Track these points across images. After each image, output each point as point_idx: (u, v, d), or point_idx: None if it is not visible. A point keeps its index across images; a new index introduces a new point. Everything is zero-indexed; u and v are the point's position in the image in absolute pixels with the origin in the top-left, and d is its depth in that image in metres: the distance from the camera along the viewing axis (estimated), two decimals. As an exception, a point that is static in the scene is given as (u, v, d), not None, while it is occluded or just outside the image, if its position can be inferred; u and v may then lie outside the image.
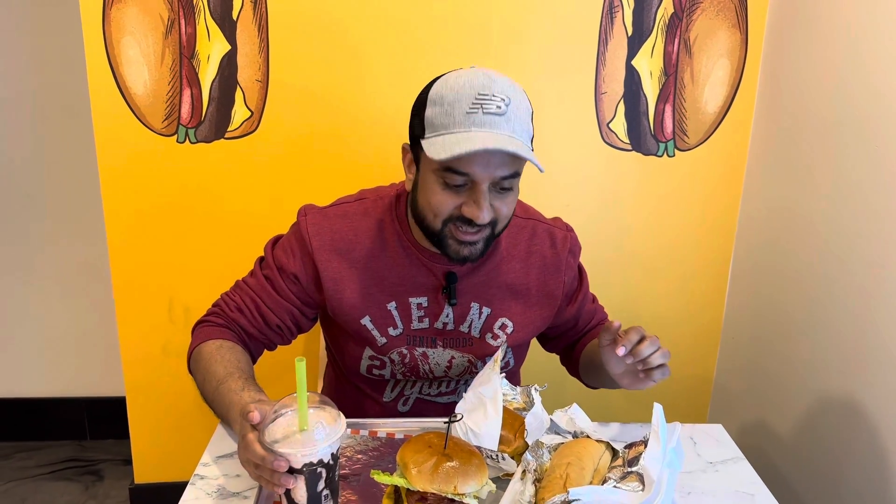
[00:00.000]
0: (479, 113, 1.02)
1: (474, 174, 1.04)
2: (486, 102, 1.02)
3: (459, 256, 1.12)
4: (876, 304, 1.44)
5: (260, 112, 1.75)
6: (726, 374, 2.06)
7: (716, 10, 1.80)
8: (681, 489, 1.06)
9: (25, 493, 2.25)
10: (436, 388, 1.32)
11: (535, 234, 1.27)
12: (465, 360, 1.27)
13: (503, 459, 1.02)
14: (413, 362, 1.25)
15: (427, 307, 1.22)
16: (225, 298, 1.28)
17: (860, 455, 1.47)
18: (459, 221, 1.08)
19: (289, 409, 0.92)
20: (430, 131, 1.06)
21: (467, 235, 1.09)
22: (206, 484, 1.03)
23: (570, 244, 1.29)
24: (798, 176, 1.71)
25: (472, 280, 1.22)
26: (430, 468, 0.89)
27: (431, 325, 1.23)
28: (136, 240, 1.80)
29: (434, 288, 1.21)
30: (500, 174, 1.05)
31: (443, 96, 1.05)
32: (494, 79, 1.05)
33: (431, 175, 1.08)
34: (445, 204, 1.08)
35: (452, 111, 1.03)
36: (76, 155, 2.23)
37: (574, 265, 1.31)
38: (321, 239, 1.20)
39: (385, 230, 1.21)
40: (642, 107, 1.85)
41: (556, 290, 1.28)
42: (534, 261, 1.26)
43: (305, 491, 0.90)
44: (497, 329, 1.26)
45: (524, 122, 1.06)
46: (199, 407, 1.91)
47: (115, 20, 1.66)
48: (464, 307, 1.23)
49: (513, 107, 1.04)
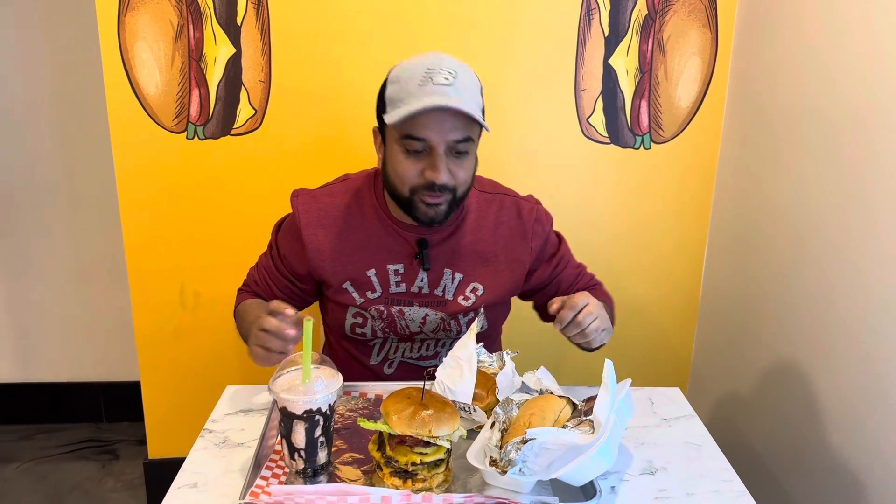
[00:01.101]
0: (429, 84, 1.18)
1: (430, 138, 1.19)
2: (434, 75, 1.18)
3: (427, 218, 1.27)
4: (836, 282, 1.56)
5: (263, 110, 1.89)
6: (704, 350, 2.18)
7: (687, 11, 1.92)
8: (634, 440, 1.19)
9: (46, 471, 2.39)
10: (416, 352, 1.46)
11: (502, 206, 1.41)
12: (437, 317, 1.41)
13: (475, 411, 1.16)
14: (390, 317, 1.40)
15: (403, 273, 1.37)
16: (250, 274, 1.51)
17: (824, 425, 1.59)
18: (424, 189, 1.23)
19: (294, 367, 1.06)
20: (390, 107, 1.22)
21: (432, 199, 1.24)
22: (214, 436, 1.17)
23: (535, 214, 1.42)
24: (766, 165, 1.82)
25: (444, 248, 1.37)
26: (408, 415, 1.02)
27: (408, 290, 1.38)
28: (149, 229, 1.94)
29: (409, 255, 1.36)
30: (454, 137, 1.20)
31: (398, 76, 1.23)
32: (442, 57, 1.22)
33: (395, 146, 1.24)
34: (409, 171, 1.23)
35: (406, 86, 1.19)
36: (93, 151, 2.37)
37: (542, 232, 1.42)
38: (308, 216, 1.36)
39: (364, 204, 1.37)
40: (619, 102, 1.97)
41: (523, 257, 1.41)
42: (502, 231, 1.40)
43: (304, 436, 1.03)
44: (468, 292, 1.40)
45: (472, 92, 1.22)
46: (208, 385, 2.05)
47: (129, 26, 1.80)
48: (437, 273, 1.37)
49: (460, 79, 1.20)
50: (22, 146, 2.41)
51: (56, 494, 2.27)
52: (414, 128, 1.19)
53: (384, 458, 1.04)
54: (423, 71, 1.19)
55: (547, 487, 1.04)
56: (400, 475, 1.02)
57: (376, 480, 1.05)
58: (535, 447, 1.00)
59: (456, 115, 1.18)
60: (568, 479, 1.01)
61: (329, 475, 1.06)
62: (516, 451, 1.00)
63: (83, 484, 2.33)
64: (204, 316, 2.02)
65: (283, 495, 0.94)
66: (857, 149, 1.47)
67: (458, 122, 1.19)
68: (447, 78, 1.18)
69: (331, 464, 1.08)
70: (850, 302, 1.50)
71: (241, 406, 1.26)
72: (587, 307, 1.20)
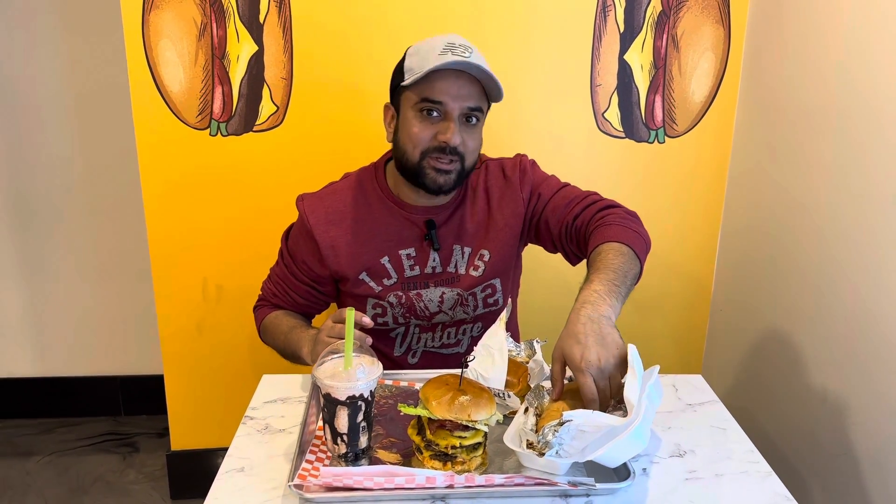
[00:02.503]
0: (448, 54, 1.25)
1: (446, 102, 1.27)
2: (454, 48, 1.26)
3: (436, 185, 1.32)
4: (848, 273, 1.59)
5: (285, 107, 1.92)
6: (716, 342, 2.22)
7: (701, 8, 1.96)
8: (661, 425, 1.22)
9: (68, 464, 2.43)
10: (438, 340, 1.51)
11: (488, 171, 1.47)
12: (454, 294, 1.46)
13: (508, 397, 1.19)
14: (409, 301, 1.45)
15: (416, 256, 1.42)
16: (265, 287, 1.55)
17: (836, 412, 1.63)
18: (435, 151, 1.29)
19: (335, 354, 1.10)
20: (408, 75, 1.30)
21: (442, 164, 1.30)
22: (256, 423, 1.21)
23: (520, 166, 1.47)
24: (778, 158, 1.86)
25: (449, 226, 1.43)
26: (447, 400, 1.05)
27: (422, 272, 1.44)
28: (173, 224, 1.97)
29: (418, 237, 1.41)
30: (468, 104, 1.29)
31: (418, 48, 1.31)
32: (460, 37, 1.30)
33: (410, 111, 1.31)
34: (423, 133, 1.30)
35: (427, 55, 1.27)
36: (117, 147, 2.40)
37: (528, 180, 1.45)
38: (317, 216, 1.41)
39: (368, 195, 1.42)
40: (634, 97, 2.01)
41: (518, 209, 1.45)
42: (493, 193, 1.45)
43: (347, 421, 1.07)
44: (477, 261, 1.45)
45: (487, 66, 1.28)
46: (230, 378, 2.09)
47: (154, 25, 1.83)
48: (447, 250, 1.43)
49: (476, 54, 1.28)
50: (48, 144, 2.44)
51: (79, 486, 2.31)
52: (432, 91, 1.27)
53: (424, 441, 1.08)
54: (444, 44, 1.27)
55: (582, 469, 1.08)
56: (440, 458, 1.06)
57: (415, 463, 1.09)
58: (571, 430, 1.03)
59: (472, 83, 1.27)
60: (602, 461, 1.04)
61: (370, 458, 1.10)
62: (553, 433, 1.03)
63: (105, 476, 2.37)
64: (226, 309, 2.05)
65: (331, 476, 0.98)
66: (868, 142, 1.50)
67: (474, 91, 1.29)
68: (465, 52, 1.26)
69: (371, 448, 1.12)
70: (861, 291, 1.53)
71: (279, 394, 1.30)
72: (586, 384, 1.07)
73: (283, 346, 1.42)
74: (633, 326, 2.10)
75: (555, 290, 1.87)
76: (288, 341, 1.40)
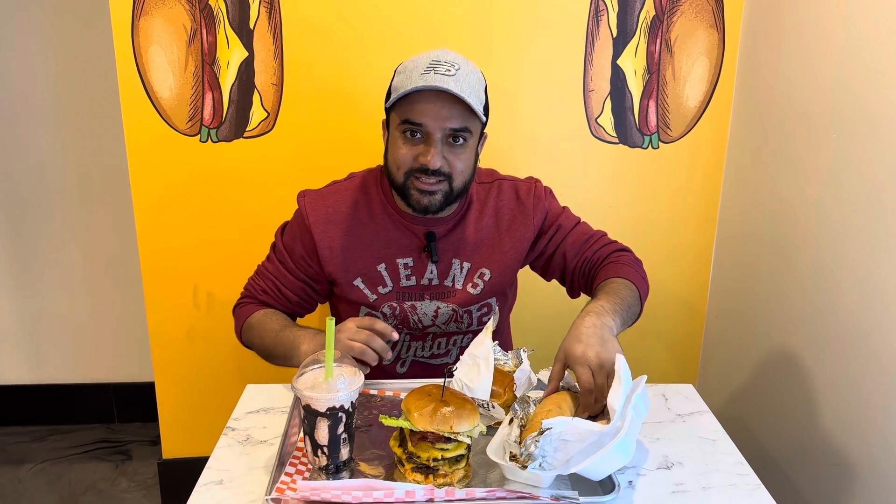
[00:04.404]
0: (431, 73, 1.23)
1: (426, 124, 1.25)
2: (437, 66, 1.24)
3: (420, 206, 1.31)
4: (843, 280, 1.57)
5: (276, 113, 1.91)
6: (712, 348, 2.20)
7: (694, 12, 1.94)
8: (649, 436, 1.20)
9: (60, 472, 2.42)
10: (428, 350, 1.49)
11: (501, 191, 1.45)
12: (449, 309, 1.44)
13: (493, 408, 1.17)
14: (403, 314, 1.43)
15: (413, 266, 1.40)
16: (252, 284, 1.49)
17: (832, 421, 1.61)
18: (419, 172, 1.27)
19: (316, 364, 1.08)
20: (394, 94, 1.27)
21: (425, 185, 1.28)
22: (237, 434, 1.19)
23: (534, 191, 1.45)
24: (774, 162, 1.84)
25: (451, 239, 1.40)
26: (429, 412, 1.04)
27: (418, 283, 1.41)
28: (163, 231, 1.96)
29: (417, 248, 1.39)
30: (450, 125, 1.25)
31: (405, 66, 1.29)
32: (448, 52, 1.27)
33: (395, 132, 1.29)
34: (405, 155, 1.28)
35: (411, 75, 1.25)
36: (107, 154, 2.39)
37: (542, 207, 1.45)
38: (316, 214, 1.39)
39: (371, 200, 1.40)
40: (628, 103, 1.99)
41: (526, 234, 1.44)
42: (503, 214, 1.44)
43: (327, 433, 1.05)
44: (476, 279, 1.43)
45: (473, 87, 1.25)
46: (222, 385, 2.07)
47: (143, 30, 1.82)
48: (446, 264, 1.41)
49: (462, 72, 1.24)
50: (37, 150, 2.43)
51: (70, 495, 2.29)
52: (412, 112, 1.24)
53: (406, 454, 1.06)
54: (428, 62, 1.24)
55: (566, 482, 1.06)
56: (421, 470, 1.04)
57: (398, 476, 1.07)
58: (553, 440, 1.01)
59: (454, 103, 1.23)
60: (586, 474, 1.03)
61: (351, 471, 1.08)
62: (535, 444, 1.01)
63: (97, 484, 2.35)
64: (217, 317, 2.04)
65: (308, 490, 0.96)
66: (864, 147, 1.49)
67: (456, 112, 1.24)
68: (449, 70, 1.23)
69: (353, 460, 1.10)
70: (857, 299, 1.51)
71: (262, 405, 1.28)
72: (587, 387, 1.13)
73: (272, 344, 1.36)
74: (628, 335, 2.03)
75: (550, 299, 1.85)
76: (280, 340, 1.34)
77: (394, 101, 1.27)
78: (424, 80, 1.22)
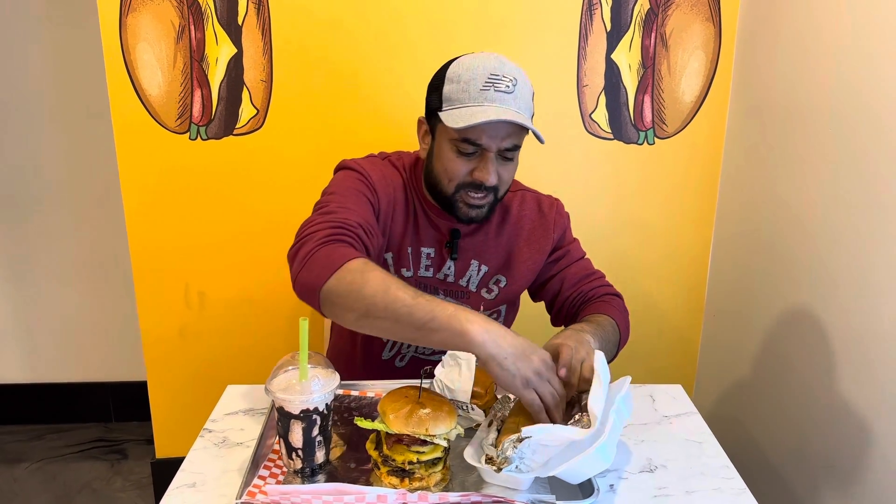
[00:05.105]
0: (491, 90, 1.20)
1: (485, 144, 1.22)
2: (497, 82, 1.20)
3: (468, 217, 1.30)
4: (841, 279, 1.54)
5: (265, 110, 1.89)
6: (710, 347, 2.17)
7: (690, 5, 1.90)
8: (634, 438, 1.18)
9: (56, 471, 2.41)
10: (429, 347, 1.46)
11: (524, 201, 1.44)
12: None
13: (473, 410, 1.15)
14: None
15: (434, 258, 1.39)
16: (347, 215, 1.21)
17: (826, 423, 1.58)
18: (470, 187, 1.26)
19: (291, 366, 1.06)
20: (447, 105, 1.23)
21: (476, 199, 1.27)
22: (214, 436, 1.18)
23: (556, 206, 1.46)
24: (771, 158, 1.80)
25: (473, 240, 1.39)
26: (405, 414, 1.02)
27: (434, 275, 1.40)
28: (154, 230, 1.94)
29: (440, 241, 1.38)
30: (506, 145, 1.23)
31: (459, 75, 1.23)
32: (504, 62, 1.24)
33: (447, 144, 1.25)
34: (459, 170, 1.25)
35: (468, 88, 1.20)
36: (97, 152, 2.38)
37: (562, 224, 1.45)
38: (376, 173, 1.33)
39: (408, 184, 1.38)
40: (622, 98, 1.96)
41: (545, 246, 1.43)
42: (524, 223, 1.43)
43: (301, 436, 1.03)
44: (492, 284, 1.42)
45: (527, 100, 1.24)
46: (214, 385, 2.05)
47: (131, 27, 1.80)
48: (464, 263, 1.39)
49: (519, 86, 1.22)
50: (26, 148, 2.42)
51: (65, 494, 2.29)
52: (473, 133, 1.21)
53: (381, 456, 1.04)
54: (487, 76, 1.21)
55: (545, 485, 1.03)
56: (397, 474, 1.02)
57: (374, 479, 1.05)
58: (531, 444, 0.99)
59: (513, 123, 1.20)
60: (565, 477, 1.00)
61: (327, 474, 1.06)
62: (513, 448, 0.99)
63: (92, 483, 2.34)
64: (209, 316, 2.02)
65: (278, 495, 0.94)
66: (862, 143, 1.46)
67: (513, 130, 1.22)
68: (508, 86, 1.21)
69: (329, 463, 1.08)
70: (854, 299, 1.48)
71: (242, 406, 1.27)
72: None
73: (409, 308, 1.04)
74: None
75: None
76: (418, 305, 1.05)
77: (454, 122, 1.19)
78: (485, 98, 1.19)
